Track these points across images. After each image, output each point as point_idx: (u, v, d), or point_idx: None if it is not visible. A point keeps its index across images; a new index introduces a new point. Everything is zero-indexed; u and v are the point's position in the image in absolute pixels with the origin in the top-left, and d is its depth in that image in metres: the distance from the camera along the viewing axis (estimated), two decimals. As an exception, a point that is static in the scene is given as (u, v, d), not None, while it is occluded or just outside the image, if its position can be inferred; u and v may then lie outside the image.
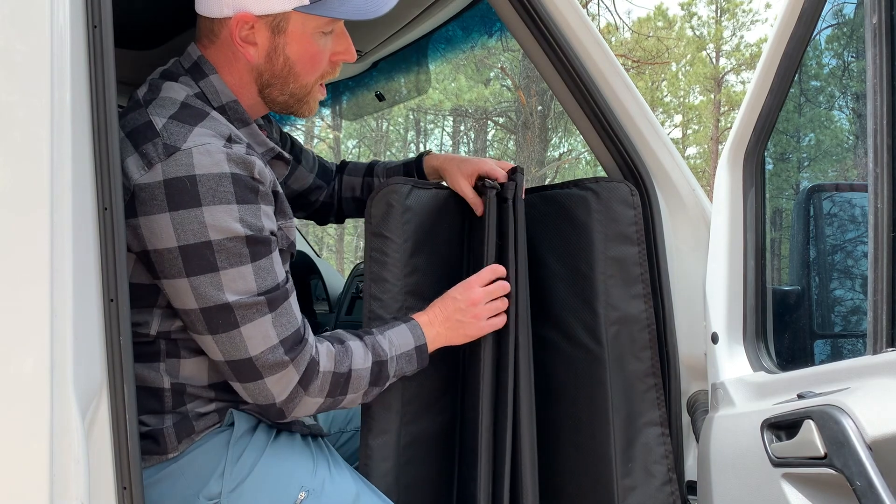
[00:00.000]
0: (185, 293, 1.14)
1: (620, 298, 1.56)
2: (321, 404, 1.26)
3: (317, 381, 1.23)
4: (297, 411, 1.25)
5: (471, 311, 1.41)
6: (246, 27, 1.20)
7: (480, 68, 15.08)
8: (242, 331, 1.15)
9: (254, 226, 1.15)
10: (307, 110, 1.33)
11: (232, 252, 1.13)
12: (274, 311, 1.17)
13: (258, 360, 1.17)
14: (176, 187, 1.10)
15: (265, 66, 1.25)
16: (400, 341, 1.36)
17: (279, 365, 1.18)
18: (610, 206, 1.56)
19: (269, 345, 1.17)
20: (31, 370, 0.87)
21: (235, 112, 1.25)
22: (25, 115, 0.89)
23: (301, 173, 1.68)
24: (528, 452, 1.47)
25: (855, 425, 1.03)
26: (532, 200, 1.66)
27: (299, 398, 1.22)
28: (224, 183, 1.12)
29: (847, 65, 1.73)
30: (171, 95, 1.20)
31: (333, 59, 1.30)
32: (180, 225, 1.11)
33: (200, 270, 1.12)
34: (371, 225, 1.50)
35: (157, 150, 1.12)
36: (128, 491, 0.97)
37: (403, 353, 1.36)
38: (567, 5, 1.52)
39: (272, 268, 1.18)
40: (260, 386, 1.19)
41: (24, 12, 0.90)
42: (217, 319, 1.15)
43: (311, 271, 3.01)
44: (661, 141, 1.64)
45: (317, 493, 1.26)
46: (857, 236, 1.59)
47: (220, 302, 1.13)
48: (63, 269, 0.90)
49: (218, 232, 1.11)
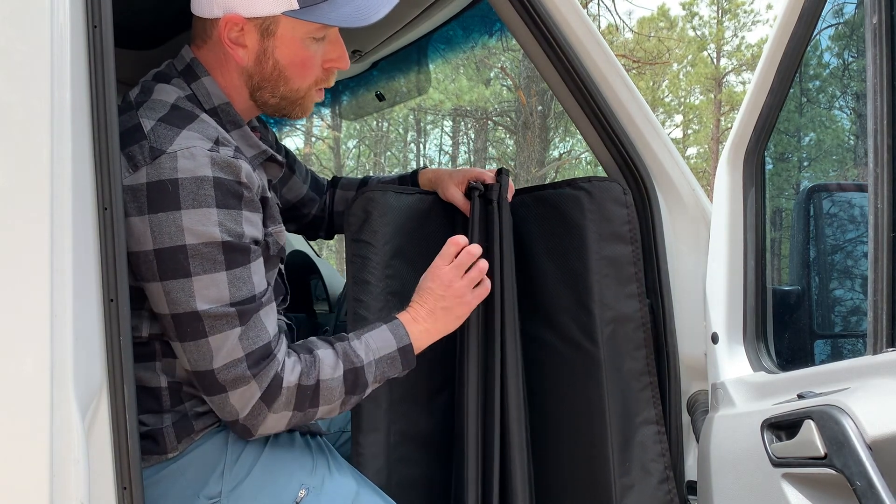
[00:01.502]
0: (159, 297, 1.13)
1: (615, 298, 1.57)
2: (290, 418, 1.21)
3: (281, 397, 1.18)
4: (264, 428, 1.20)
5: (450, 293, 1.36)
6: (235, 29, 1.19)
7: (481, 68, 15.07)
8: (210, 341, 1.13)
9: (233, 231, 1.13)
10: (300, 112, 1.31)
11: (206, 258, 1.11)
12: (244, 324, 1.14)
13: (220, 374, 1.14)
14: (157, 190, 1.09)
15: (255, 68, 1.24)
16: (379, 344, 1.30)
17: (241, 380, 1.15)
18: (603, 205, 1.57)
19: (233, 358, 1.14)
20: (31, 370, 0.87)
21: (227, 114, 1.25)
22: (25, 115, 0.89)
23: (295, 183, 1.68)
24: (517, 454, 1.47)
25: (855, 425, 1.03)
26: (525, 201, 1.67)
27: (263, 415, 1.18)
28: (205, 186, 1.10)
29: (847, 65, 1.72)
30: (161, 98, 1.20)
31: (326, 67, 1.28)
32: (157, 227, 1.09)
33: (173, 275, 1.10)
34: (350, 232, 1.52)
35: (143, 153, 1.11)
36: (128, 491, 0.97)
37: (384, 357, 1.30)
38: (567, 5, 1.52)
39: (249, 278, 1.15)
40: (223, 400, 1.16)
41: (24, 12, 0.90)
42: (186, 327, 1.12)
43: (311, 271, 3.01)
44: (661, 141, 1.64)
45: (317, 491, 1.26)
46: (857, 236, 1.59)
47: (189, 309, 1.11)
48: (63, 269, 0.90)
49: (194, 236, 1.10)
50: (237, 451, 1.24)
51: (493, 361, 1.47)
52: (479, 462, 1.47)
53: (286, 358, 1.21)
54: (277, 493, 1.23)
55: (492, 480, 1.45)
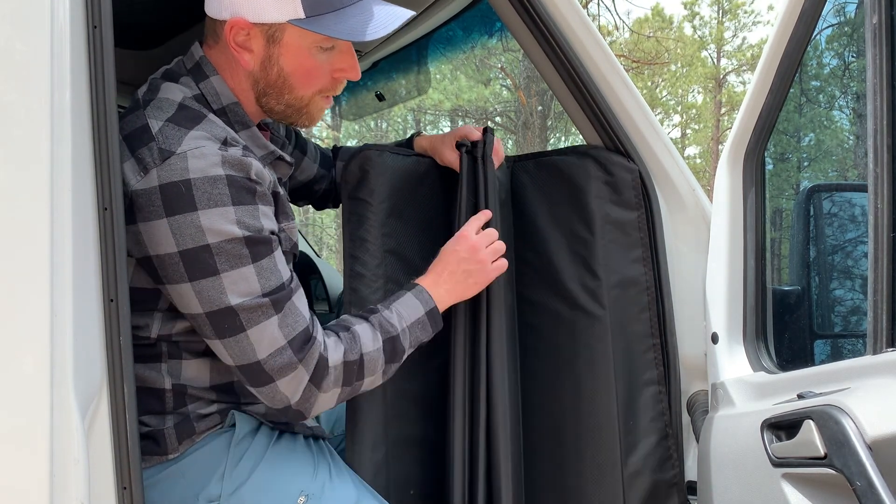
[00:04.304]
0: (190, 298, 1.13)
1: (620, 262, 1.60)
2: (339, 395, 1.25)
3: (329, 376, 1.21)
4: (317, 408, 1.23)
5: (474, 257, 1.40)
6: (242, 33, 1.19)
7: (480, 68, 15.07)
8: (249, 334, 1.14)
9: (252, 226, 1.14)
10: (307, 121, 1.31)
11: (231, 254, 1.12)
12: (279, 312, 1.16)
13: (266, 364, 1.15)
14: (171, 192, 1.10)
15: (260, 74, 1.23)
16: (408, 311, 1.34)
17: (289, 367, 1.16)
18: (609, 171, 1.60)
19: (277, 346, 1.15)
20: (31, 370, 0.87)
21: (236, 114, 1.24)
22: (25, 115, 0.89)
23: (307, 165, 1.69)
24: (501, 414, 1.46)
25: (855, 425, 1.03)
26: (527, 167, 1.69)
27: (314, 397, 1.21)
28: (219, 186, 1.11)
29: (847, 65, 1.73)
30: (168, 97, 1.20)
31: (336, 76, 1.27)
32: (178, 230, 1.10)
33: (202, 275, 1.11)
34: (347, 189, 1.53)
35: (152, 155, 1.11)
36: (128, 491, 0.97)
37: (415, 322, 1.34)
38: (567, 5, 1.52)
39: (275, 267, 1.17)
40: (272, 389, 1.18)
41: (24, 12, 0.90)
42: (223, 323, 1.14)
43: (311, 271, 3.00)
44: (661, 141, 1.64)
45: (316, 497, 1.25)
46: (857, 236, 1.59)
47: (223, 305, 1.12)
48: (63, 269, 0.90)
49: (215, 235, 1.11)
50: (238, 454, 1.24)
51: (480, 321, 1.47)
52: (465, 418, 1.47)
53: (326, 338, 1.23)
54: (277, 498, 1.23)
55: (478, 435, 1.44)
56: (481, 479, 1.44)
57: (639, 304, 1.61)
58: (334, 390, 1.23)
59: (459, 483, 1.44)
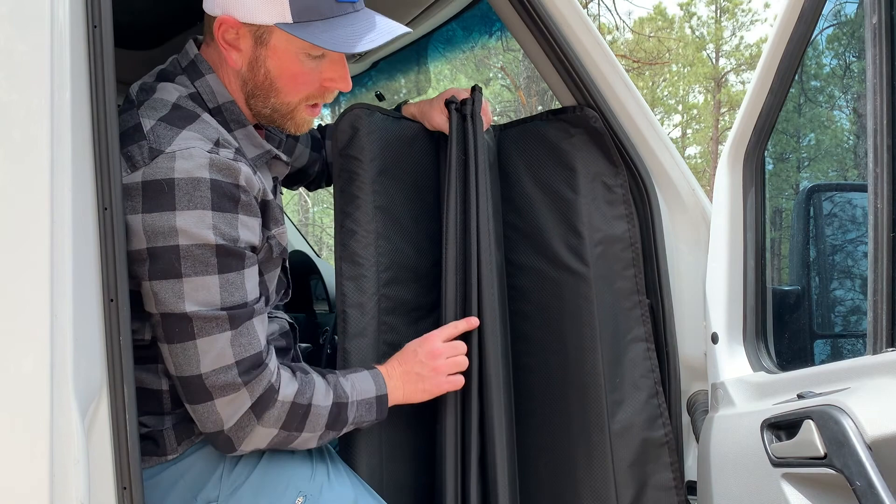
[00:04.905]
0: (148, 297, 1.12)
1: (603, 220, 1.62)
2: (274, 437, 1.19)
3: (273, 409, 1.16)
4: (250, 441, 1.17)
5: (430, 363, 1.35)
6: (231, 31, 1.19)
7: (480, 68, 15.07)
8: (198, 343, 1.10)
9: (227, 235, 1.12)
10: (293, 127, 1.29)
11: (198, 260, 1.10)
12: (234, 328, 1.11)
13: (208, 379, 1.11)
14: (153, 189, 1.09)
15: (248, 74, 1.23)
16: (361, 387, 1.30)
17: (230, 387, 1.12)
18: (589, 130, 1.61)
19: (223, 364, 1.11)
20: (31, 370, 0.87)
21: (231, 113, 1.24)
22: (25, 115, 0.89)
23: (301, 151, 1.68)
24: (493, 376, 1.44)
25: (855, 425, 1.03)
26: (511, 134, 1.71)
27: (251, 426, 1.15)
28: (201, 188, 1.09)
29: (847, 65, 1.73)
30: (162, 96, 1.19)
31: (326, 85, 1.25)
32: (151, 227, 1.08)
33: (163, 275, 1.09)
34: (338, 146, 1.53)
35: (142, 153, 1.11)
36: (128, 491, 0.97)
37: (364, 400, 1.30)
38: (567, 5, 1.52)
39: (242, 283, 1.14)
40: (208, 409, 1.13)
41: (24, 12, 0.90)
42: (174, 328, 1.11)
43: (311, 271, 3.00)
44: (660, 141, 1.64)
45: (314, 498, 1.25)
46: (857, 236, 1.59)
47: (178, 311, 1.09)
48: (63, 269, 0.90)
49: (188, 237, 1.09)
50: (237, 456, 1.23)
51: (470, 281, 1.45)
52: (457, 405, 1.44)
53: (282, 371, 1.20)
54: (275, 500, 1.23)
55: (470, 399, 1.42)
56: (474, 444, 1.42)
57: (623, 260, 1.62)
58: (272, 429, 1.18)
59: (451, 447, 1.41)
